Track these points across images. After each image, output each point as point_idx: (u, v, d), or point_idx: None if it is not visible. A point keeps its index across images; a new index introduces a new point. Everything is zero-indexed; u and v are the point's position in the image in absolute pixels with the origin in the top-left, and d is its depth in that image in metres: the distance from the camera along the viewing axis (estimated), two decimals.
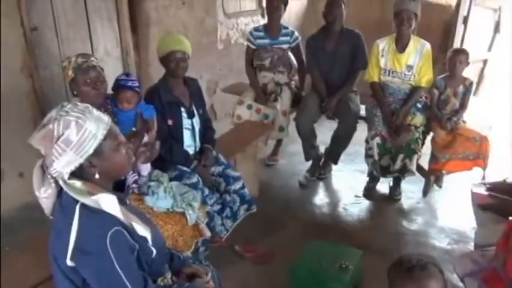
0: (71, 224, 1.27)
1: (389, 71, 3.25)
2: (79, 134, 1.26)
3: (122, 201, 1.38)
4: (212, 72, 4.47)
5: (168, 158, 2.51)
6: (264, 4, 4.69)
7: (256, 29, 3.74)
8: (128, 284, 1.29)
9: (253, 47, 3.71)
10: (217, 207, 2.57)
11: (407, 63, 3.19)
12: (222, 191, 2.65)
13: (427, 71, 3.21)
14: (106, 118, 1.34)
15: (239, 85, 4.14)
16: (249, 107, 3.64)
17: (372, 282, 2.39)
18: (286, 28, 3.70)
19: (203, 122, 2.74)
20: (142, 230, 1.37)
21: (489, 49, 4.80)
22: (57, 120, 1.26)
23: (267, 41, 3.66)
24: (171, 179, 2.45)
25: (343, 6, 3.37)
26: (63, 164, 1.27)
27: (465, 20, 4.42)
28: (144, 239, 1.38)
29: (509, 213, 2.21)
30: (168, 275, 1.61)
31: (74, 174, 1.31)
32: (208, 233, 2.41)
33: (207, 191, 2.53)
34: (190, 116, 2.64)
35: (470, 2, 4.35)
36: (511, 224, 1.22)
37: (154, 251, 1.43)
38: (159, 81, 2.60)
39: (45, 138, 1.26)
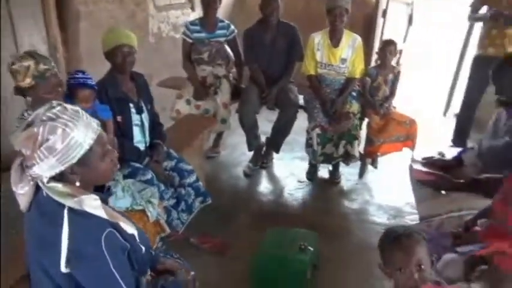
0: (59, 232, 1.22)
1: (325, 64, 3.44)
2: (64, 142, 1.20)
3: (104, 202, 1.35)
4: (145, 67, 4.31)
5: (120, 156, 2.44)
6: None
7: (192, 23, 3.72)
8: (122, 285, 1.27)
9: (190, 40, 3.69)
10: (172, 201, 2.57)
11: (341, 57, 3.40)
12: (177, 185, 2.64)
13: (360, 63, 3.44)
14: (95, 125, 1.29)
15: (176, 79, 4.10)
16: (188, 102, 3.64)
17: (326, 260, 2.56)
18: (223, 21, 3.74)
19: (152, 117, 2.70)
20: (130, 229, 1.36)
21: (404, 40, 5.22)
22: (44, 125, 1.19)
23: (203, 34, 3.67)
24: (124, 177, 2.40)
25: None
26: (44, 169, 1.22)
27: (384, 14, 4.76)
28: (133, 237, 1.37)
29: (444, 188, 2.48)
30: (148, 271, 1.60)
31: (53, 178, 1.26)
32: (168, 229, 2.41)
33: (162, 186, 2.51)
34: (139, 111, 2.58)
35: None
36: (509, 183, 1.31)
37: (144, 249, 1.42)
38: (105, 77, 2.51)
39: (28, 140, 1.19)
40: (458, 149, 2.67)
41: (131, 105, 2.53)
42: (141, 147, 2.61)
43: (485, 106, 3.51)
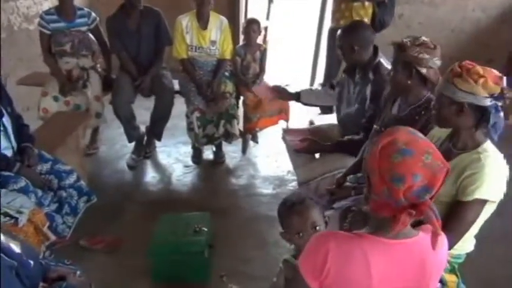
0: None
1: (195, 47, 3.48)
2: None
3: None
4: None
5: None
6: None
7: (47, 13, 3.45)
8: None
9: (48, 32, 3.43)
10: (54, 206, 2.42)
11: (210, 39, 3.47)
12: (56, 188, 2.49)
13: (229, 44, 3.55)
14: None
15: (37, 75, 3.78)
16: (56, 98, 3.41)
17: (221, 238, 2.65)
18: (81, 9, 3.52)
19: (15, 120, 2.48)
20: (16, 248, 1.27)
21: (267, 17, 5.45)
22: None
23: (62, 24, 3.42)
24: None
25: None
26: None
27: None
28: (20, 255, 1.29)
29: (316, 151, 2.72)
30: (41, 283, 1.51)
31: None
32: (52, 236, 2.27)
33: (40, 192, 2.34)
34: None
35: None
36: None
37: (32, 263, 1.34)
38: None
39: None
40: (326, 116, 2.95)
41: None
42: (8, 153, 2.39)
43: None
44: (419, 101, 2.00)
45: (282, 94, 3.09)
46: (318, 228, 1.56)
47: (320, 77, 4.82)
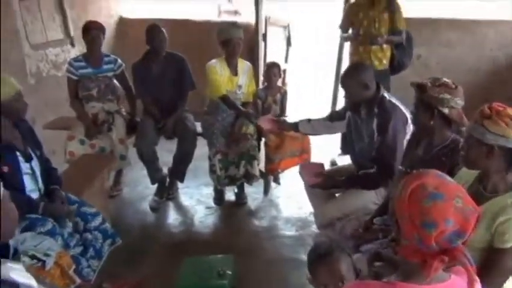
0: None
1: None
2: None
3: None
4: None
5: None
6: (73, 33, 4.56)
7: (76, 60, 3.60)
8: None
9: (75, 78, 3.56)
10: (79, 249, 2.43)
11: (238, 84, 3.58)
12: (82, 230, 2.51)
13: (252, 87, 3.69)
14: None
15: (64, 119, 3.89)
16: (82, 142, 3.49)
17: (244, 280, 2.61)
18: (108, 56, 3.67)
19: (43, 163, 2.55)
20: None
21: (285, 60, 5.58)
22: None
23: (90, 70, 3.57)
24: (22, 230, 2.22)
25: (164, 30, 3.53)
26: None
27: (264, 37, 5.05)
28: None
29: (331, 186, 2.71)
30: None
31: None
32: (78, 279, 2.26)
33: (66, 234, 2.37)
34: (28, 159, 2.43)
35: (266, 22, 5.00)
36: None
37: None
38: None
39: None
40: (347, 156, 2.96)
41: (18, 153, 2.37)
42: (35, 196, 2.44)
43: None
44: (444, 142, 2.00)
45: (282, 125, 3.23)
46: (345, 282, 1.51)
47: None
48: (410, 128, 2.38)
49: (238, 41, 3.46)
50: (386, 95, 2.53)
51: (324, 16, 11.28)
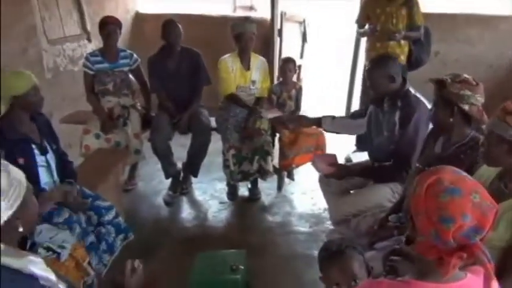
0: None
1: (237, 86, 3.57)
2: (9, 182, 1.15)
3: None
4: (44, 103, 4.12)
5: None
6: (89, 28, 4.59)
7: (92, 54, 3.62)
8: None
9: (92, 72, 3.59)
10: (92, 238, 2.45)
11: (251, 79, 3.57)
12: (96, 223, 2.53)
13: (266, 82, 3.66)
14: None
15: (80, 114, 3.93)
16: (97, 136, 3.51)
17: (257, 276, 2.61)
18: (124, 51, 3.69)
19: (59, 157, 2.57)
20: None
21: (301, 56, 5.54)
22: None
23: (106, 65, 3.58)
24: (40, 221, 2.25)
25: (179, 25, 3.53)
26: None
27: (280, 33, 5.03)
28: None
29: (344, 175, 2.64)
30: None
31: None
32: (92, 272, 2.29)
33: (83, 222, 2.39)
34: (44, 152, 2.45)
35: (282, 17, 4.98)
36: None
37: None
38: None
39: None
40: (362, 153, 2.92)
41: (34, 146, 2.40)
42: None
43: None
44: (463, 139, 1.95)
45: (301, 121, 3.11)
46: (358, 281, 1.49)
47: None
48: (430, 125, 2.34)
49: (251, 36, 3.44)
50: (411, 89, 2.49)
51: (340, 12, 11.21)
